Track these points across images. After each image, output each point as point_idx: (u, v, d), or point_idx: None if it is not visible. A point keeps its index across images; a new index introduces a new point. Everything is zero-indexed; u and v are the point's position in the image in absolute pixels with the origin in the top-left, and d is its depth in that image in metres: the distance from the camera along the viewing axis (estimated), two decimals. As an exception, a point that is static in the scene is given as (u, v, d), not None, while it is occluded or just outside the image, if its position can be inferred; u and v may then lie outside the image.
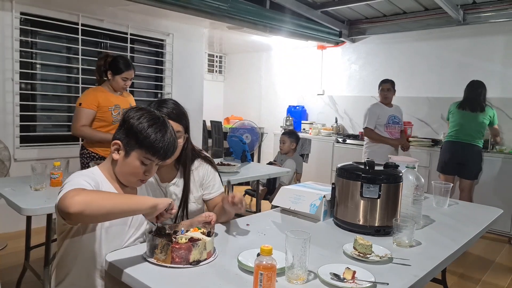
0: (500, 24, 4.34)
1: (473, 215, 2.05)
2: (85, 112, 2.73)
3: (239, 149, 3.58)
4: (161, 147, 1.32)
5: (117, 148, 1.34)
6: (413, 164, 1.79)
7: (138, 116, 1.33)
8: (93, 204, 1.08)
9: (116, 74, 2.82)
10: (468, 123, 3.84)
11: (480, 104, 3.85)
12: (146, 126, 1.31)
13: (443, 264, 1.41)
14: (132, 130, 1.32)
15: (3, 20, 3.52)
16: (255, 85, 7.03)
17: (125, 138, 1.33)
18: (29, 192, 2.10)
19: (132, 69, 2.88)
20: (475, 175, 3.92)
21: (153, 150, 1.31)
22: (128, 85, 2.90)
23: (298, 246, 1.14)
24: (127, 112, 1.36)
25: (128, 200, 1.22)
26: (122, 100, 2.92)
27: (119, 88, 2.88)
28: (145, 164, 1.34)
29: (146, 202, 1.22)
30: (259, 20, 4.37)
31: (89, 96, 2.79)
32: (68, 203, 1.05)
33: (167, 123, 1.37)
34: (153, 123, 1.33)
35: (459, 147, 3.86)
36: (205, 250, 1.27)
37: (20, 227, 2.79)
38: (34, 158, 3.69)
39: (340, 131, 5.79)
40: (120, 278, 1.21)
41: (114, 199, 1.17)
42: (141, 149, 1.32)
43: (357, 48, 5.70)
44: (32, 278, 2.50)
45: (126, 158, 1.33)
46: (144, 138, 1.30)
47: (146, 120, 1.32)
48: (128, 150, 1.33)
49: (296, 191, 1.88)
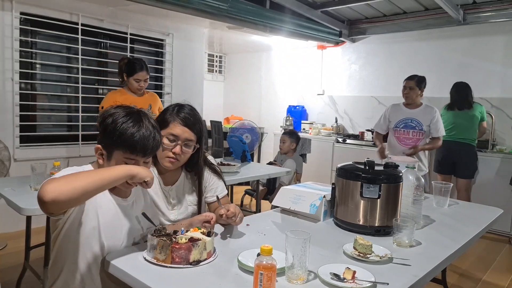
0: (500, 24, 4.34)
1: (473, 215, 2.05)
2: None
3: (239, 149, 3.58)
4: (138, 141, 1.23)
5: (100, 153, 1.29)
6: (413, 164, 1.79)
7: (110, 114, 1.27)
8: (65, 188, 1.05)
9: (129, 76, 3.03)
10: (459, 122, 3.93)
11: (467, 102, 3.93)
12: (120, 123, 1.23)
13: (443, 264, 1.41)
14: (107, 130, 1.25)
15: (3, 20, 3.52)
16: (255, 85, 7.03)
17: (103, 141, 1.27)
18: (29, 192, 2.10)
19: (144, 71, 3.04)
20: (470, 174, 3.96)
21: (130, 147, 1.23)
22: (143, 86, 3.08)
23: (298, 246, 1.14)
24: (103, 113, 1.30)
25: (101, 174, 1.15)
26: (141, 101, 3.09)
27: (134, 89, 3.08)
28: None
29: (120, 171, 1.16)
30: (259, 20, 4.37)
31: (109, 98, 3.02)
32: (41, 194, 1.04)
33: (142, 115, 1.29)
34: (127, 119, 1.24)
35: (452, 145, 3.94)
36: (205, 250, 1.27)
37: (20, 227, 2.79)
38: (34, 158, 3.68)
39: (340, 131, 5.79)
40: (120, 278, 1.21)
41: (86, 177, 1.11)
42: (119, 149, 1.24)
43: (357, 48, 5.70)
44: (32, 278, 2.50)
45: (109, 162, 1.27)
46: (118, 136, 1.23)
47: (120, 117, 1.25)
48: (108, 153, 1.26)
49: (296, 191, 1.88)
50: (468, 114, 3.92)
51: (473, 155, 3.95)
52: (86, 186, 1.09)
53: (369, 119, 5.54)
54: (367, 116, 5.60)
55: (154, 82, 4.91)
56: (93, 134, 4.11)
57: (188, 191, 1.71)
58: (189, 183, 1.72)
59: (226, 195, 1.79)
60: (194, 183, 1.72)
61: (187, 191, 1.71)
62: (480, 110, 3.96)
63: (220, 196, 1.73)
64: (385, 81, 5.42)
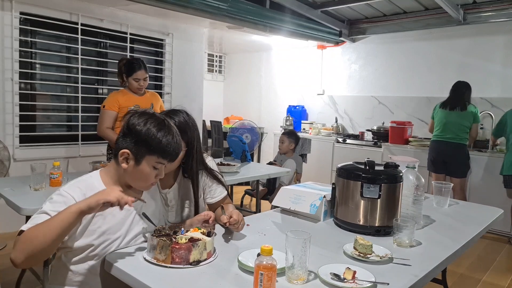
0: (500, 24, 4.34)
1: (473, 215, 2.05)
2: (108, 114, 2.96)
3: (239, 149, 3.58)
4: (173, 149, 1.34)
5: (126, 157, 1.33)
6: (413, 164, 1.79)
7: (143, 122, 1.32)
8: (28, 249, 1.10)
9: (128, 76, 3.02)
10: (449, 122, 3.96)
11: (461, 103, 3.93)
12: (155, 132, 1.30)
13: (443, 264, 1.41)
14: (141, 138, 1.30)
15: (3, 20, 3.52)
16: (255, 85, 7.02)
17: (134, 147, 1.31)
18: (29, 192, 2.10)
19: (142, 69, 3.02)
20: (462, 173, 3.98)
21: (165, 154, 1.33)
22: (142, 85, 3.06)
23: (299, 246, 1.14)
24: (130, 119, 1.34)
25: (55, 222, 1.14)
26: (143, 100, 3.09)
27: (135, 89, 3.06)
28: (156, 168, 1.35)
29: (70, 213, 1.14)
30: (259, 20, 4.37)
31: (111, 98, 3.01)
32: (12, 262, 1.11)
33: (171, 125, 1.38)
34: (161, 128, 1.32)
35: (443, 145, 3.98)
36: (205, 250, 1.27)
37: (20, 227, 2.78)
38: (34, 158, 3.68)
39: (340, 131, 5.79)
40: (121, 278, 1.21)
41: (43, 230, 1.12)
42: (153, 155, 1.32)
43: (357, 48, 5.70)
44: (31, 278, 2.50)
45: (137, 166, 1.32)
46: (156, 144, 1.30)
47: (153, 126, 1.31)
48: (138, 158, 1.32)
49: (296, 191, 1.88)
50: (459, 114, 3.92)
51: (464, 155, 3.96)
52: (46, 239, 1.11)
53: (369, 119, 5.54)
54: (367, 116, 5.60)
55: (154, 82, 4.91)
56: (92, 134, 4.09)
57: (185, 193, 1.72)
58: (186, 186, 1.72)
59: (226, 196, 1.79)
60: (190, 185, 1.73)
61: (184, 194, 1.72)
62: (473, 111, 3.93)
63: (219, 198, 1.74)
64: (385, 81, 5.41)
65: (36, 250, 1.11)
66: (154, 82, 4.90)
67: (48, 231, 1.12)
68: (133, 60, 3.09)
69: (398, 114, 5.27)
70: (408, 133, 4.89)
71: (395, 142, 4.85)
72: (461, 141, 3.93)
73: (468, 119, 3.91)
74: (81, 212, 1.16)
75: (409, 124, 4.93)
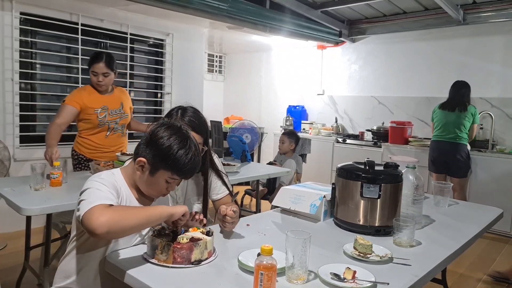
0: (499, 24, 4.34)
1: (473, 215, 2.05)
2: (66, 109, 2.61)
3: (239, 149, 3.57)
4: (188, 169, 1.34)
5: (142, 165, 1.34)
6: (413, 164, 1.79)
7: (167, 137, 1.32)
8: (118, 224, 1.13)
9: (88, 69, 2.67)
10: (449, 122, 3.96)
11: (461, 103, 3.93)
12: (175, 150, 1.30)
13: (443, 264, 1.41)
14: (161, 152, 1.31)
15: (3, 20, 3.52)
16: (255, 85, 7.02)
17: (152, 159, 1.32)
18: (29, 192, 2.09)
19: (101, 63, 2.61)
20: (463, 173, 3.98)
21: (180, 173, 1.34)
22: (101, 81, 2.65)
23: (299, 246, 1.14)
24: (156, 130, 1.34)
25: (149, 214, 1.23)
26: (111, 100, 2.78)
27: (94, 85, 2.70)
28: (169, 183, 1.36)
29: (163, 212, 1.25)
30: (259, 20, 4.37)
31: (74, 94, 2.69)
32: (95, 226, 1.10)
33: (193, 143, 1.36)
34: (182, 146, 1.31)
35: (443, 145, 3.99)
36: (206, 250, 1.27)
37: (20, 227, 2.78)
38: (34, 158, 3.68)
39: (340, 131, 5.79)
40: (122, 279, 1.21)
41: (136, 215, 1.20)
42: (168, 171, 1.32)
43: (357, 48, 5.70)
44: (32, 278, 2.50)
45: (151, 176, 1.34)
46: (173, 162, 1.30)
47: (175, 143, 1.31)
48: (154, 170, 1.33)
49: (296, 191, 1.88)
50: (459, 114, 3.92)
51: (465, 155, 3.96)
52: (136, 225, 1.19)
53: (369, 119, 5.54)
54: (367, 116, 5.60)
55: (154, 82, 4.91)
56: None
57: (194, 190, 1.74)
58: (194, 182, 1.74)
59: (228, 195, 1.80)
60: (199, 182, 1.74)
61: (192, 190, 1.74)
62: (472, 112, 3.93)
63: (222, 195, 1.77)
64: (385, 81, 5.41)
65: (123, 229, 1.16)
66: (154, 82, 4.90)
67: (140, 217, 1.20)
68: (97, 52, 2.80)
69: (398, 114, 5.27)
70: (408, 133, 4.89)
71: (395, 142, 4.85)
72: (461, 141, 3.94)
73: (468, 119, 3.92)
74: (171, 215, 1.25)
75: (409, 124, 4.93)
